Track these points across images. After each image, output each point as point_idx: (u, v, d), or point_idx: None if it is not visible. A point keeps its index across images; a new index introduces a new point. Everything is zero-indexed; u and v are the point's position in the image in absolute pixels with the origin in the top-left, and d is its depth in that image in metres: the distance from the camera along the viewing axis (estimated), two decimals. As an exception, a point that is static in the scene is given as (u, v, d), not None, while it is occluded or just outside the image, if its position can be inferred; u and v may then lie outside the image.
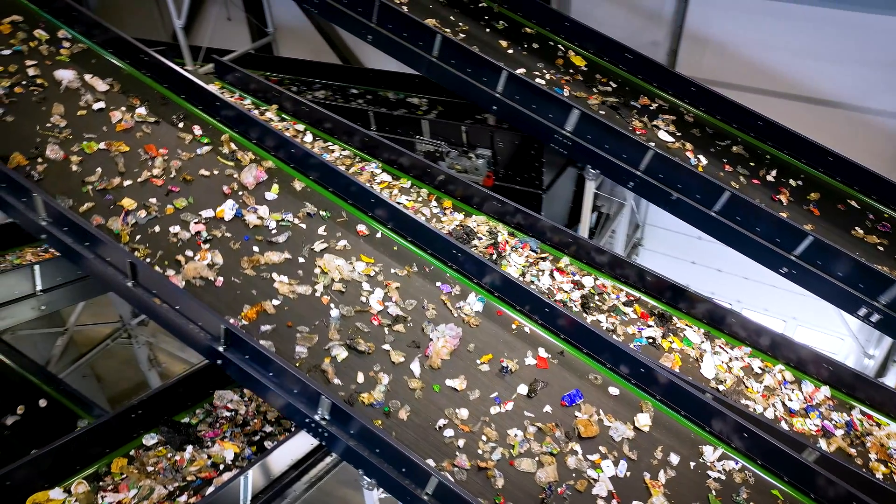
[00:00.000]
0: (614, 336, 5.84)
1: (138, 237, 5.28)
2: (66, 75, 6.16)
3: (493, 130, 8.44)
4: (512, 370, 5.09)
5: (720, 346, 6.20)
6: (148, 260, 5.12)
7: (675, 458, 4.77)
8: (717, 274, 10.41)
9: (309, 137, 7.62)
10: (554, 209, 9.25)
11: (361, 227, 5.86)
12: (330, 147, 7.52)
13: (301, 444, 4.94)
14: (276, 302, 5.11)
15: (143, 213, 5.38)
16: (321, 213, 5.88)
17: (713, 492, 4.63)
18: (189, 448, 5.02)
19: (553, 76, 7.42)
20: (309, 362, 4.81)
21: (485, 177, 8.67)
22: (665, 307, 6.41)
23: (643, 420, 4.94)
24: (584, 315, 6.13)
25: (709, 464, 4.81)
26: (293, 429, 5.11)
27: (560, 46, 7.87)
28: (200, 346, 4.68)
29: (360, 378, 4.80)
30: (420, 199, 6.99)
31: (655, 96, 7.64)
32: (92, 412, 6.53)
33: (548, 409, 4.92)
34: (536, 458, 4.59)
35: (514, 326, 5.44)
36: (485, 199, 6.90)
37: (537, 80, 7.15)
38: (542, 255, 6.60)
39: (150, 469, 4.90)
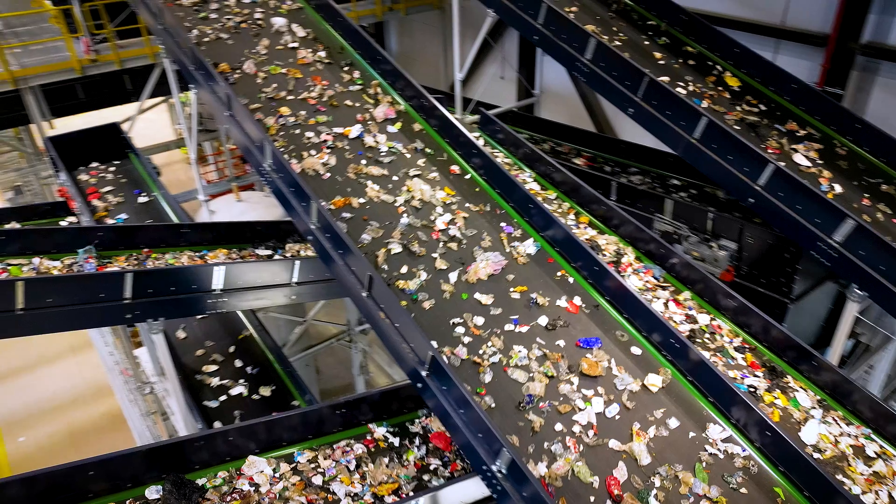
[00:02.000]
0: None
1: (281, 133, 6.66)
2: (279, 21, 8.03)
3: (743, 223, 7.62)
4: (540, 304, 5.36)
5: (833, 418, 5.37)
6: (282, 150, 6.46)
7: (674, 423, 4.61)
8: None
9: (481, 142, 7.83)
10: (800, 323, 7.79)
11: (455, 168, 6.62)
12: (495, 153, 7.98)
13: (472, 490, 4.75)
14: (361, 200, 6.06)
15: (291, 119, 6.79)
16: (427, 149, 6.78)
17: (703, 463, 4.40)
18: None
19: (697, 88, 7.52)
20: (368, 247, 5.64)
21: (724, 270, 7.86)
22: (782, 364, 5.59)
23: (653, 380, 4.85)
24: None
25: (710, 440, 4.55)
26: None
27: (717, 66, 7.91)
28: (407, 365, 4.75)
29: (404, 269, 5.48)
30: (559, 210, 7.18)
31: (807, 124, 7.30)
32: (305, 397, 7.33)
33: (560, 343, 5.08)
34: (531, 375, 4.81)
35: (559, 274, 5.69)
36: (720, 295, 6.02)
37: (678, 89, 7.30)
38: (663, 284, 6.33)
39: None
